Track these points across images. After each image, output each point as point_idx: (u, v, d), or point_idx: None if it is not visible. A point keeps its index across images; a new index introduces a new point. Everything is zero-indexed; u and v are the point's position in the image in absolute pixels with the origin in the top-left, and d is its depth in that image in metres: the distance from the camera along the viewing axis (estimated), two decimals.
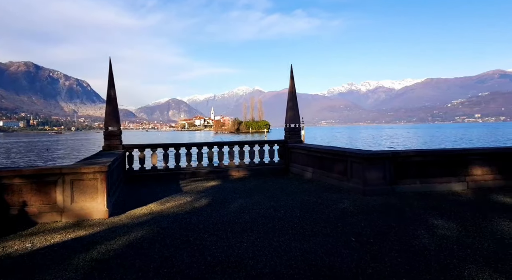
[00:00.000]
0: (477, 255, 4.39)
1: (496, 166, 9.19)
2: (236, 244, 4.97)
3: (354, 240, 5.08)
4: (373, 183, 8.35)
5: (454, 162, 9.00)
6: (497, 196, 7.80)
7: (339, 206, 7.11)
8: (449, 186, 8.77)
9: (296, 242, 5.03)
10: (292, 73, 12.51)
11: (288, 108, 12.56)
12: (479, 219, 5.97)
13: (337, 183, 9.42)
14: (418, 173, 8.80)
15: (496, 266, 4.06)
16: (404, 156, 8.82)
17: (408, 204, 7.20)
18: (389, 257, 4.39)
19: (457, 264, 4.14)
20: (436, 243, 4.85)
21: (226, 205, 7.42)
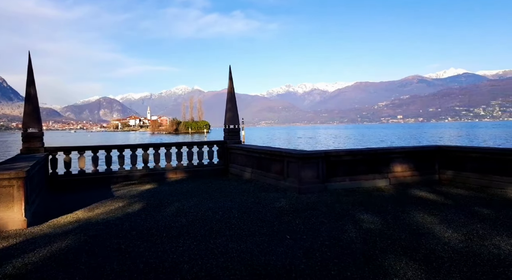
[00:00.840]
0: (396, 245, 4.83)
1: (413, 163, 10.20)
2: (172, 249, 4.84)
3: (289, 237, 5.27)
4: (307, 181, 8.73)
5: (378, 161, 9.80)
6: (414, 191, 8.67)
7: (276, 205, 7.31)
8: (374, 182, 9.52)
9: (233, 243, 5.06)
10: (231, 74, 12.56)
11: (227, 109, 12.58)
12: (398, 212, 6.58)
13: (274, 183, 9.68)
14: (347, 171, 9.41)
15: (411, 254, 4.51)
16: (336, 155, 9.37)
17: (338, 200, 7.67)
18: (320, 252, 4.63)
19: (379, 255, 4.51)
20: (362, 236, 5.23)
21: (162, 209, 7.19)
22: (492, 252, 4.50)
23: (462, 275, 3.86)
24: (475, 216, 6.25)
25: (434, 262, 4.22)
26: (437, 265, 4.14)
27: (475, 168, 9.46)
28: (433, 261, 4.26)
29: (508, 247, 4.66)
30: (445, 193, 8.38)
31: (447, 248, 4.67)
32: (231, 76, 12.51)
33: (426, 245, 4.81)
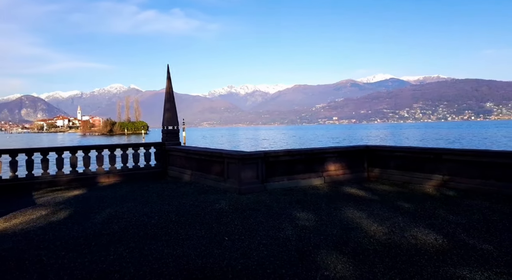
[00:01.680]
0: (328, 241, 5.09)
1: (345, 162, 10.85)
2: (101, 258, 4.54)
3: (227, 239, 5.26)
4: (247, 182, 8.82)
5: (314, 160, 10.25)
6: (345, 188, 9.22)
7: (216, 207, 7.26)
8: (310, 181, 9.94)
9: (169, 248, 4.91)
10: (169, 73, 12.19)
11: (166, 110, 12.19)
12: (331, 209, 6.94)
13: (215, 184, 9.60)
14: (286, 171, 9.70)
15: (341, 248, 4.78)
16: (275, 156, 9.60)
17: (276, 200, 7.86)
18: (257, 252, 4.70)
19: (312, 251, 4.71)
20: (297, 234, 5.42)
21: (92, 216, 6.71)
22: (410, 243, 4.96)
23: (385, 265, 4.19)
24: (397, 210, 6.83)
25: (361, 255, 4.52)
26: (363, 257, 4.45)
27: (398, 166, 10.35)
28: (360, 253, 4.57)
29: (424, 237, 5.17)
30: (373, 189, 9.05)
31: (373, 241, 5.04)
32: (169, 75, 12.15)
33: (355, 239, 5.14)
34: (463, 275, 3.84)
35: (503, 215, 6.15)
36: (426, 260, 4.30)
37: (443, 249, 4.64)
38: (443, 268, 4.03)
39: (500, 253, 4.43)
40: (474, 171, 8.52)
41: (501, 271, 3.91)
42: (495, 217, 6.04)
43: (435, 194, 8.20)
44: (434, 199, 7.68)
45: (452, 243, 4.87)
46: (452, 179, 8.92)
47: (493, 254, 4.41)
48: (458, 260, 4.25)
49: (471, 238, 5.02)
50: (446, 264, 4.17)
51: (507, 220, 5.84)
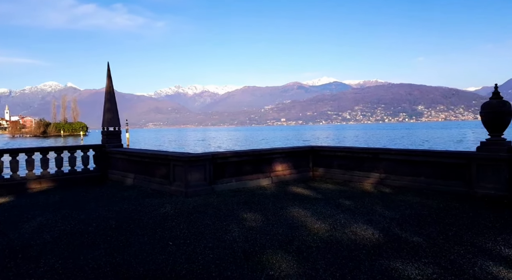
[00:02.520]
0: (274, 240, 5.16)
1: (292, 162, 11.13)
2: (29, 271, 4.13)
3: (172, 244, 5.09)
4: (195, 184, 8.64)
5: (262, 161, 10.37)
6: (292, 188, 9.45)
7: (160, 211, 7.00)
8: (258, 181, 10.03)
9: (108, 256, 4.62)
10: (109, 71, 11.55)
11: (106, 110, 11.52)
12: (277, 209, 7.06)
13: (160, 188, 9.28)
14: (234, 172, 9.68)
15: (286, 247, 4.88)
16: (223, 157, 9.54)
17: (224, 201, 7.81)
18: (203, 255, 4.61)
19: (258, 251, 4.74)
20: (244, 235, 5.42)
21: (20, 226, 6.10)
22: (350, 238, 5.21)
23: (326, 261, 4.35)
24: (339, 207, 7.15)
25: (304, 252, 4.65)
26: (307, 254, 4.58)
27: (340, 165, 10.86)
28: (304, 251, 4.69)
29: (363, 232, 5.47)
30: (317, 188, 9.38)
31: (316, 238, 5.21)
32: (109, 73, 11.51)
33: (299, 237, 5.27)
34: (396, 267, 4.12)
35: (431, 210, 6.72)
36: (364, 255, 4.54)
37: (379, 243, 4.94)
38: (379, 261, 4.29)
39: (428, 244, 4.83)
40: (407, 169, 9.22)
41: (428, 261, 4.26)
42: (425, 212, 6.58)
43: (373, 191, 8.73)
44: (372, 196, 8.17)
45: (387, 237, 5.21)
46: (388, 177, 9.56)
47: (422, 245, 4.79)
48: (392, 253, 4.56)
49: (403, 232, 5.41)
50: (382, 257, 4.45)
51: (434, 214, 6.39)
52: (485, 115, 7.71)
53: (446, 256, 4.37)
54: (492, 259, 4.23)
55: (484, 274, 3.84)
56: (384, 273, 3.95)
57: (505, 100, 7.66)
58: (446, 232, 5.31)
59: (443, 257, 4.34)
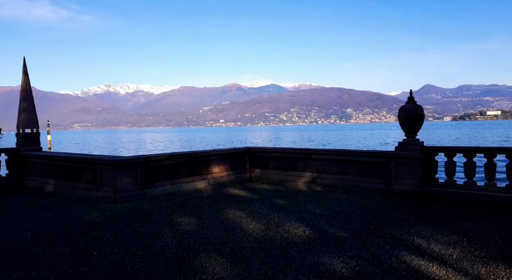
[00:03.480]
0: (208, 244, 5.10)
1: (229, 164, 11.13)
2: None
3: (97, 254, 4.75)
4: (125, 189, 8.18)
5: (199, 163, 10.20)
6: (228, 189, 9.44)
7: (85, 219, 6.49)
8: (195, 184, 9.85)
9: (21, 272, 4.15)
10: (26, 67, 10.43)
11: (22, 110, 10.37)
12: (213, 211, 7.00)
13: (85, 194, 8.61)
14: (168, 175, 9.37)
15: (221, 250, 4.85)
16: (156, 160, 9.17)
17: (157, 206, 7.51)
18: (132, 264, 4.38)
19: (192, 256, 4.64)
20: (177, 240, 5.27)
21: None
22: (283, 237, 5.36)
23: (260, 260, 4.42)
24: (274, 207, 7.32)
25: (239, 253, 4.67)
26: (241, 255, 4.60)
27: (276, 166, 11.15)
28: (238, 252, 4.71)
29: (295, 230, 5.66)
30: (253, 188, 9.51)
31: (250, 239, 5.27)
32: (26, 69, 10.38)
33: (234, 239, 5.28)
34: (324, 261, 4.34)
35: (357, 206, 7.22)
36: (295, 252, 4.70)
37: (310, 240, 5.16)
38: (309, 257, 4.48)
39: (353, 239, 5.17)
40: (336, 168, 9.80)
41: (352, 254, 4.56)
42: (351, 208, 7.05)
43: (306, 190, 9.11)
44: (304, 194, 8.52)
45: (317, 233, 5.46)
46: (319, 176, 10.06)
47: (347, 240, 5.12)
48: (321, 249, 4.79)
49: (332, 228, 5.73)
50: (312, 253, 4.65)
51: (359, 210, 6.88)
52: (401, 118, 8.51)
53: (368, 249, 4.72)
54: (406, 249, 4.67)
55: (399, 263, 4.22)
56: (312, 269, 4.13)
57: (419, 104, 8.54)
58: (369, 226, 5.74)
59: (365, 250, 4.68)
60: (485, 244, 4.73)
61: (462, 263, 4.13)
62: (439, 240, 4.96)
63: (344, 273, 3.98)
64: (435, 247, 4.67)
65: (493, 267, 3.96)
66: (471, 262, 4.13)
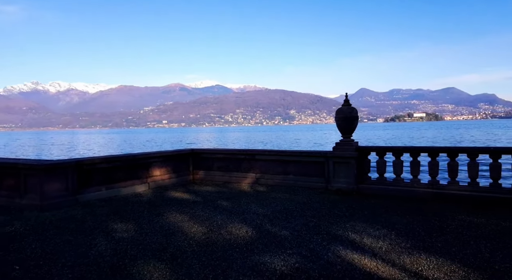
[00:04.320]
0: (147, 250, 4.88)
1: (171, 166, 10.81)
2: None
3: (18, 268, 4.29)
4: (53, 196, 7.52)
5: (138, 166, 9.75)
6: (170, 193, 9.17)
7: (5, 231, 5.85)
8: (134, 188, 9.40)
9: None
10: None
11: None
12: (153, 216, 6.73)
13: (7, 202, 7.76)
14: (104, 180, 8.82)
15: (160, 255, 4.67)
16: (90, 163, 8.59)
17: (91, 213, 7.03)
18: (60, 276, 4.03)
19: (128, 264, 4.40)
20: (113, 248, 4.97)
21: None
22: (226, 239, 5.33)
23: (201, 264, 4.35)
24: (217, 209, 7.26)
25: (179, 258, 4.54)
26: (181, 260, 4.48)
27: (220, 167, 11.10)
28: (178, 257, 4.58)
29: (237, 231, 5.67)
30: (197, 191, 9.35)
31: (192, 242, 5.16)
32: None
33: (175, 243, 5.13)
34: (265, 261, 4.40)
35: (298, 204, 7.45)
36: (237, 253, 4.70)
37: (252, 240, 5.20)
38: (250, 258, 4.51)
39: (293, 237, 5.32)
40: (279, 168, 10.03)
41: (292, 252, 4.69)
42: (292, 207, 7.26)
43: (250, 191, 9.19)
44: (248, 195, 8.58)
45: (259, 233, 5.53)
46: (263, 176, 10.22)
47: (288, 238, 5.25)
48: (263, 248, 4.85)
49: (273, 227, 5.84)
50: (253, 253, 4.69)
51: (300, 208, 7.10)
52: (338, 120, 8.98)
53: (307, 246, 4.89)
54: (342, 244, 4.93)
55: (335, 257, 4.43)
56: (254, 268, 4.17)
57: (354, 106, 9.08)
58: (308, 224, 5.95)
59: (304, 247, 4.84)
60: (410, 235, 5.17)
61: (390, 254, 4.46)
62: (371, 234, 5.31)
63: (284, 271, 4.07)
64: (367, 241, 4.99)
65: (416, 257, 4.34)
66: (398, 253, 4.48)
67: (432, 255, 4.36)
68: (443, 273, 3.83)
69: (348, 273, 3.97)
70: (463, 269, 3.92)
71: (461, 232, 5.23)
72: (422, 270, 3.94)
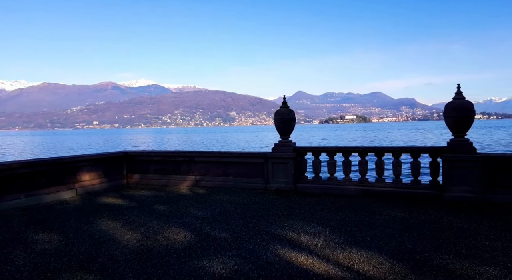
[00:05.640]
0: (73, 261, 4.47)
1: (102, 170, 10.11)
2: None
3: None
4: None
5: (64, 170, 8.95)
6: (101, 198, 8.55)
7: None
8: (59, 195, 8.61)
9: None
10: None
11: None
12: (81, 224, 6.21)
13: None
14: (24, 186, 7.96)
15: (89, 266, 4.31)
16: (6, 169, 7.67)
17: (7, 223, 6.27)
18: None
19: (51, 277, 3.99)
20: (33, 261, 4.47)
21: None
22: (162, 245, 5.11)
23: (135, 273, 4.10)
24: (153, 214, 6.94)
25: (110, 269, 4.23)
26: (112, 270, 4.18)
27: (157, 170, 10.66)
28: (109, 267, 4.27)
29: (175, 236, 5.47)
30: (131, 196, 8.86)
31: (125, 251, 4.85)
32: None
33: (106, 253, 4.77)
34: (204, 265, 4.30)
35: (237, 206, 7.45)
36: (174, 259, 4.53)
37: (190, 245, 5.06)
38: (188, 263, 4.37)
39: (232, 238, 5.28)
40: (219, 170, 9.94)
41: (232, 254, 4.65)
42: (232, 208, 7.23)
43: (189, 194, 8.96)
44: (187, 198, 8.36)
45: (198, 237, 5.40)
46: (203, 178, 10.04)
47: (227, 240, 5.20)
48: (201, 252, 4.74)
49: (213, 230, 5.75)
50: (192, 258, 4.55)
51: (239, 210, 7.10)
52: (276, 121, 9.19)
53: (246, 247, 4.89)
54: (280, 243, 5.02)
55: (274, 257, 4.49)
56: (191, 274, 4.04)
57: (291, 108, 9.36)
58: (247, 225, 5.97)
59: (243, 248, 4.84)
60: (343, 231, 5.46)
61: (325, 250, 4.65)
62: (307, 231, 5.50)
63: (223, 274, 4.02)
64: (304, 239, 5.15)
65: (348, 252, 4.58)
66: (332, 249, 4.70)
67: (363, 249, 4.64)
68: (372, 266, 4.10)
69: (286, 271, 4.04)
70: (390, 260, 4.24)
71: (387, 226, 5.66)
72: (354, 264, 4.17)
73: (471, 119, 7.29)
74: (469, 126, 7.33)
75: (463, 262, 4.08)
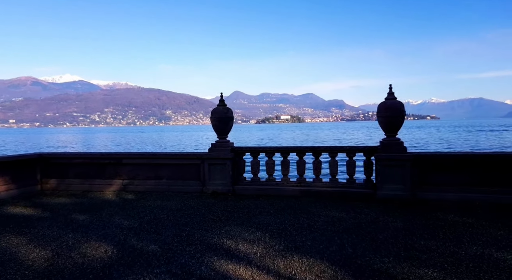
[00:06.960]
0: None
1: (9, 175, 8.72)
2: None
3: None
4: None
5: None
6: (7, 208, 7.30)
7: None
8: None
9: None
10: None
11: None
12: None
13: None
14: None
15: None
16: None
17: None
18: None
19: None
20: None
21: None
22: (77, 263, 4.33)
23: None
24: (70, 225, 6.01)
25: None
26: None
27: (78, 174, 9.48)
28: None
29: (94, 252, 4.69)
30: (45, 204, 7.69)
31: (28, 273, 3.99)
32: None
33: (3, 277, 3.87)
34: None
35: (170, 212, 6.80)
36: None
37: (112, 261, 4.35)
38: None
39: (163, 251, 4.68)
40: (150, 173, 9.13)
41: (161, 270, 4.04)
42: (163, 215, 6.56)
43: (115, 200, 8.05)
44: (112, 205, 7.47)
45: (122, 251, 4.70)
46: (132, 182, 9.14)
47: (156, 254, 4.59)
48: (124, 270, 4.08)
49: (140, 242, 5.07)
50: (112, 277, 3.88)
51: (172, 216, 6.47)
52: (214, 120, 8.69)
53: (178, 260, 4.34)
54: (217, 254, 4.55)
55: (209, 271, 4.02)
56: None
57: (228, 107, 8.93)
58: (180, 234, 5.40)
59: (174, 262, 4.28)
60: (283, 236, 5.18)
61: (265, 260, 4.30)
62: (246, 238, 5.12)
63: None
64: (242, 247, 4.75)
65: (289, 260, 4.29)
66: (272, 258, 4.37)
67: (304, 256, 4.39)
68: (314, 275, 3.85)
69: None
70: (331, 267, 4.03)
71: (326, 228, 5.53)
72: (295, 274, 3.88)
73: (402, 119, 7.59)
74: (400, 125, 7.62)
75: (403, 265, 4.03)
